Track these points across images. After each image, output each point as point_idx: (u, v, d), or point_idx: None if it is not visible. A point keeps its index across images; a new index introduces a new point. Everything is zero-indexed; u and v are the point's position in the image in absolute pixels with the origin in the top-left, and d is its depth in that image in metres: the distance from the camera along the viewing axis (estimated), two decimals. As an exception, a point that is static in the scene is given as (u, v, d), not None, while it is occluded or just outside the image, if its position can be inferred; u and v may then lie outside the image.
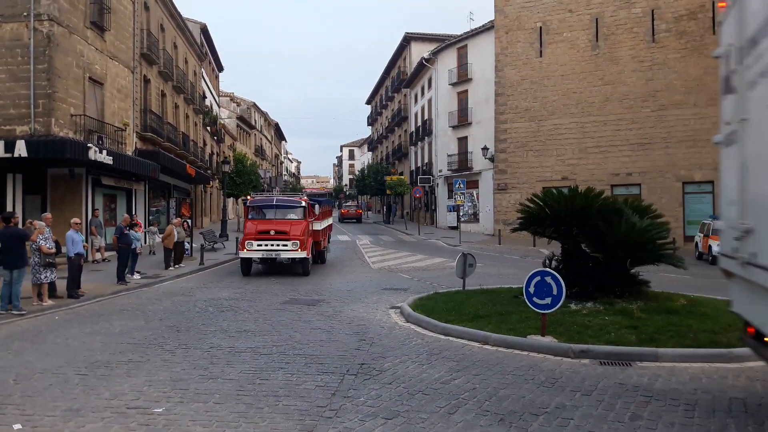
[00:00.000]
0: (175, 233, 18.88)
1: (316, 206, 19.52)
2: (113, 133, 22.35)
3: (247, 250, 17.04)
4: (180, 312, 11.70)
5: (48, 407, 5.96)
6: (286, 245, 16.96)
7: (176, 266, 18.91)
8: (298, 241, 17.00)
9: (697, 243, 25.75)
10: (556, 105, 33.93)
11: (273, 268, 19.14)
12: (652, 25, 31.58)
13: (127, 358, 7.93)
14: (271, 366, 7.53)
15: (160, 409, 5.89)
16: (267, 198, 19.96)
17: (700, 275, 18.75)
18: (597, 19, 32.88)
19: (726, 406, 6.08)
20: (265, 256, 17.32)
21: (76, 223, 13.55)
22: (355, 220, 55.26)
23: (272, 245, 16.99)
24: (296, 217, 18.07)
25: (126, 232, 15.79)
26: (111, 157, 19.61)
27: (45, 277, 12.08)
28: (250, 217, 18.47)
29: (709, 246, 23.59)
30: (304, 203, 18.45)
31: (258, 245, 17.05)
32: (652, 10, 31.55)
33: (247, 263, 17.65)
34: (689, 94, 30.62)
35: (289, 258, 17.31)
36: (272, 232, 17.10)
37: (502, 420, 5.62)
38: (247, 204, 19.29)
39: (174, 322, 10.64)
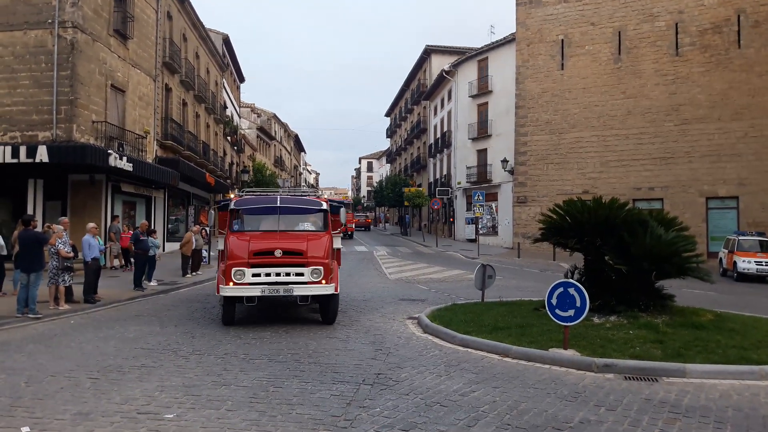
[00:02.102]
0: (194, 241, 18.89)
1: (342, 210, 13.11)
2: (134, 140, 22.53)
3: (236, 284, 10.23)
4: (195, 319, 11.62)
5: (58, 410, 5.86)
6: (301, 274, 10.43)
7: (194, 274, 18.90)
8: (321, 267, 10.48)
9: (721, 259, 25.16)
10: (577, 118, 33.61)
11: (271, 312, 12.40)
12: (676, 38, 31.20)
13: (140, 363, 7.83)
14: (286, 374, 7.37)
15: (171, 415, 5.76)
16: (264, 198, 12.65)
17: (726, 291, 18.30)
18: (620, 32, 32.60)
19: (759, 425, 5.80)
20: (268, 294, 10.42)
21: (94, 228, 13.57)
22: (364, 228, 59.29)
23: (279, 274, 10.42)
24: (313, 228, 11.66)
25: (143, 238, 15.80)
26: (131, 164, 19.74)
27: (62, 281, 12.09)
28: (235, 228, 11.36)
29: (734, 262, 23.04)
30: (324, 205, 12.01)
31: (254, 275, 10.31)
32: (676, 24, 31.19)
33: (231, 305, 10.74)
34: (713, 109, 30.14)
35: (306, 296, 10.64)
36: (278, 253, 10.45)
37: (524, 435, 5.39)
38: (231, 207, 11.71)
39: (189, 328, 10.55)
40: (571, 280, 8.96)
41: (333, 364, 7.89)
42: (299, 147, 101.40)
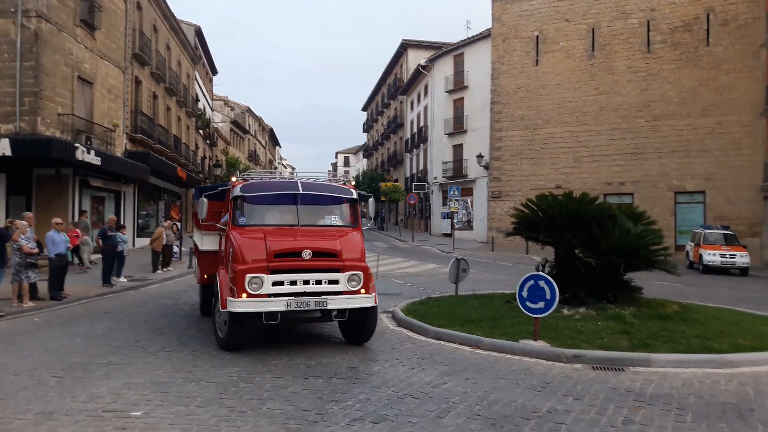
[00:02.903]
0: (165, 236, 18.64)
1: (370, 201, 10.29)
2: (102, 133, 22.08)
3: (250, 295, 7.83)
4: (165, 315, 11.45)
5: (19, 410, 5.70)
6: (335, 281, 8.18)
7: (164, 270, 18.64)
8: (360, 273, 8.34)
9: (688, 252, 25.70)
10: (551, 114, 33.94)
11: (286, 329, 9.80)
12: (648, 35, 31.67)
13: (107, 361, 7.68)
14: (257, 369, 7.31)
15: (138, 413, 5.66)
16: (281, 183, 9.69)
17: (692, 283, 18.70)
18: (593, 28, 32.96)
19: (719, 411, 5.98)
20: (294, 308, 7.98)
21: (58, 224, 13.24)
22: None
23: (308, 282, 8.09)
24: (341, 223, 9.36)
25: (110, 233, 15.51)
26: (99, 158, 19.35)
27: (26, 277, 11.80)
28: (241, 222, 8.75)
29: (700, 255, 23.55)
30: (354, 194, 9.59)
31: (276, 283, 7.96)
32: (648, 21, 31.66)
33: (239, 323, 8.16)
34: (683, 105, 30.70)
35: (344, 310, 8.33)
36: (307, 255, 8.10)
37: (494, 424, 5.46)
38: (235, 194, 8.95)
39: (159, 325, 10.39)
40: (541, 273, 9.08)
41: (306, 359, 7.85)
42: (274, 141, 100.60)
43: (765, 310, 11.79)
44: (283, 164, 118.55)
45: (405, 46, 54.26)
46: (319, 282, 8.11)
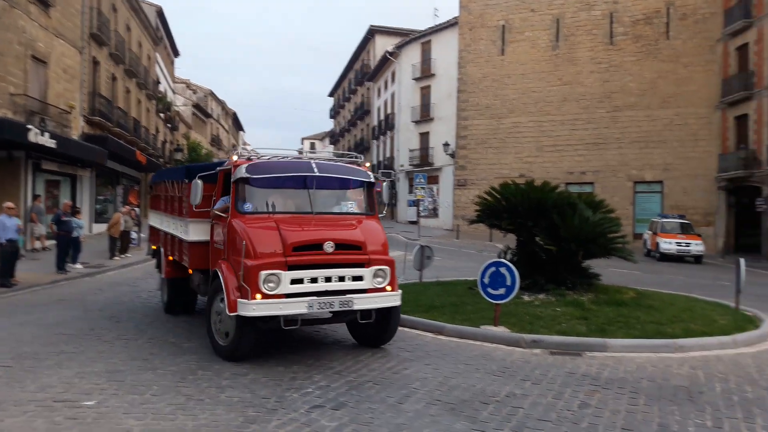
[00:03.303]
0: (122, 222, 18.18)
1: (385, 186, 9.38)
2: (57, 115, 21.33)
3: (266, 296, 6.69)
4: (122, 302, 11.19)
5: (-35, 400, 5.50)
6: (360, 278, 7.19)
7: (122, 256, 18.20)
8: (387, 268, 7.47)
9: (645, 240, 26.39)
10: (515, 103, 34.25)
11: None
12: (611, 28, 32.17)
13: (59, 350, 7.45)
14: (215, 358, 7.18)
15: (91, 402, 5.51)
16: (293, 163, 8.00)
17: (649, 271, 19.20)
18: (558, 19, 33.29)
19: (670, 394, 6.15)
20: (317, 310, 6.91)
21: (9, 208, 12.76)
22: None
23: (330, 278, 7.03)
24: (358, 210, 8.25)
25: (65, 219, 15.05)
26: (54, 141, 18.66)
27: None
28: (246, 209, 7.44)
29: (657, 243, 24.20)
30: (371, 176, 8.31)
31: (295, 281, 6.85)
32: (611, 13, 32.13)
33: (252, 327, 6.93)
34: (643, 97, 31.35)
35: (370, 310, 7.34)
36: (329, 247, 7.04)
37: (453, 409, 5.52)
38: (238, 177, 7.50)
39: (115, 312, 10.14)
40: (502, 260, 9.16)
41: (266, 347, 7.76)
42: (238, 125, 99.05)
43: (716, 297, 12.18)
44: (247, 149, 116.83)
45: (372, 32, 53.91)
46: (342, 279, 7.02)
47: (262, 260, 6.71)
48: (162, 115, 43.78)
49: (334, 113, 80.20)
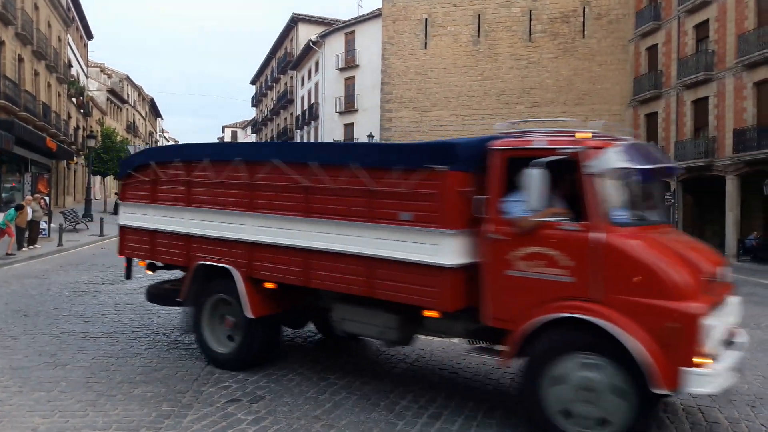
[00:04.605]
0: (29, 211, 17.21)
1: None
2: (-43, 97, 19.88)
3: (701, 365, 4.23)
4: (30, 296, 10.64)
5: None
6: None
7: (30, 247, 17.26)
8: None
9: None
10: (438, 97, 34.84)
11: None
12: (530, 25, 33.28)
13: (-41, 346, 7.06)
14: (129, 352, 7.02)
15: (-7, 401, 5.29)
16: (652, 150, 5.51)
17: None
18: (479, 15, 34.08)
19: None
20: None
21: None
22: None
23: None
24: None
25: (-32, 207, 14.12)
26: (-47, 125, 17.43)
27: None
28: (621, 220, 4.81)
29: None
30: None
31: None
32: (530, 11, 33.23)
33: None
34: (560, 93, 32.69)
35: None
36: (720, 278, 4.99)
37: (369, 399, 5.63)
38: (602, 169, 4.72)
39: (22, 306, 9.65)
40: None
41: (182, 341, 7.61)
42: (155, 112, 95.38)
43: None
44: (165, 137, 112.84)
45: (295, 20, 53.23)
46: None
47: (692, 302, 4.34)
48: (74, 99, 41.54)
49: (257, 101, 78.68)
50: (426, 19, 35.09)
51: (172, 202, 7.00)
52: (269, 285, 6.22)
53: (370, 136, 36.76)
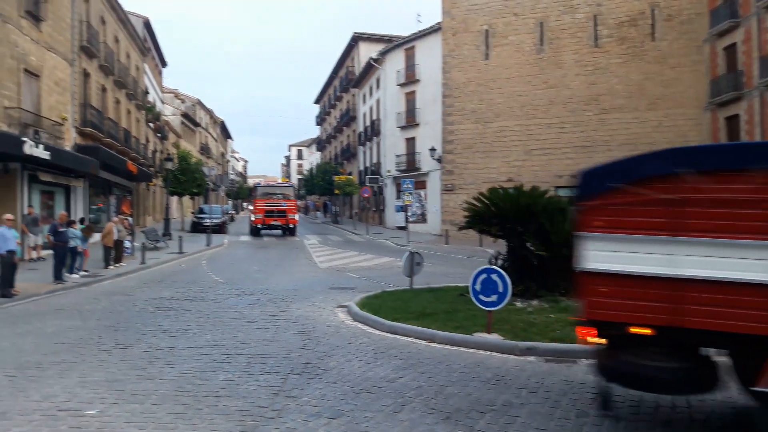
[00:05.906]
0: (115, 231, 18.24)
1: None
2: (51, 127, 21.39)
3: None
4: (119, 311, 11.26)
5: (-30, 412, 5.60)
6: None
7: (116, 265, 18.25)
8: None
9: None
10: (501, 107, 34.49)
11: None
12: (595, 30, 32.54)
13: (61, 359, 7.56)
14: (212, 366, 7.32)
15: (94, 411, 5.64)
16: None
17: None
18: (542, 23, 33.62)
19: (669, 401, 6.10)
20: None
21: (9, 219, 12.91)
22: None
23: None
24: None
25: (61, 229, 15.13)
26: (48, 152, 18.74)
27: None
28: None
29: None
30: None
31: None
32: (595, 16, 32.51)
33: None
34: (630, 99, 31.69)
35: None
36: None
37: (448, 418, 5.58)
38: None
39: (112, 321, 10.23)
40: (494, 267, 9.30)
41: (261, 355, 7.87)
42: (226, 134, 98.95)
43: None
44: (235, 157, 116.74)
45: (356, 39, 54.17)
46: None
47: None
48: (151, 124, 43.76)
49: (321, 120, 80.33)
50: (486, 30, 34.92)
51: (738, 234, 4.62)
52: None
53: (432, 149, 36.78)
